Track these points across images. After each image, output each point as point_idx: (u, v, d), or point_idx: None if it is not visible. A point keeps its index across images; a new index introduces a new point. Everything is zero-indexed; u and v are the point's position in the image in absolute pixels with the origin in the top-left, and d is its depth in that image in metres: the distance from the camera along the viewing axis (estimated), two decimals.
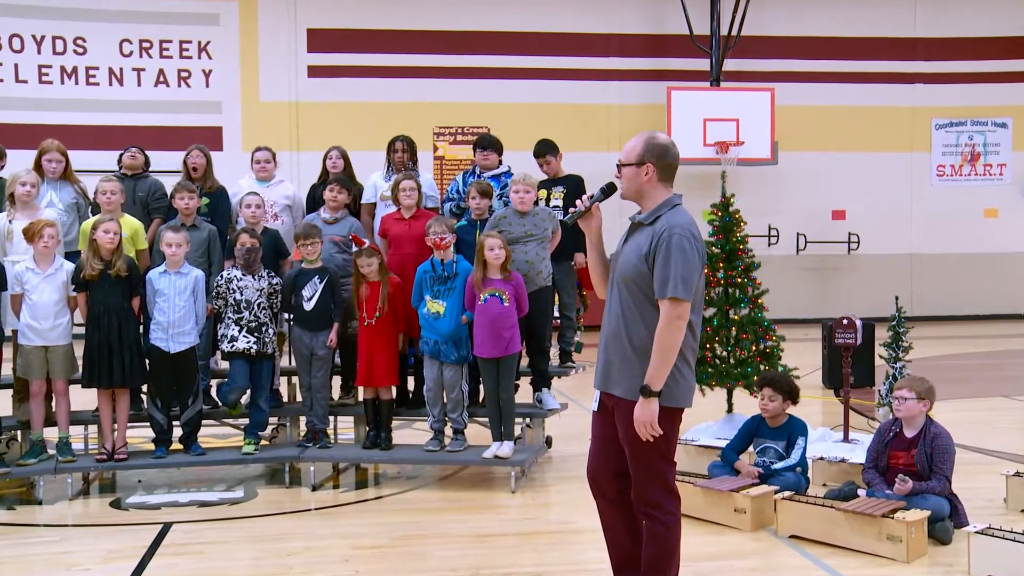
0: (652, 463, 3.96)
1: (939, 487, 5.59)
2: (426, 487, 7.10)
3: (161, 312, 6.87)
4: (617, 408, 3.99)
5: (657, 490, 3.99)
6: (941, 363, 13.24)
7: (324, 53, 18.97)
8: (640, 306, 3.91)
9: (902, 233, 20.46)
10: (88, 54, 18.38)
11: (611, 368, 4.00)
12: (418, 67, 19.00)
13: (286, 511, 6.49)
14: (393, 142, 8.06)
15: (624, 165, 4.00)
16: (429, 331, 6.92)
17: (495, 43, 19.31)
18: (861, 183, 20.06)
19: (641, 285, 3.90)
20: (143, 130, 17.30)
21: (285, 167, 10.04)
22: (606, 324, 4.05)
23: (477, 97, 18.94)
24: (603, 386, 4.06)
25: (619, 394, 3.96)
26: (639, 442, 3.89)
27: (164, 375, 6.96)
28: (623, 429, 3.95)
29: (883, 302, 11.40)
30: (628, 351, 3.93)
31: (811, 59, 19.97)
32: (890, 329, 8.49)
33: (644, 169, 3.96)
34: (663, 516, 4.01)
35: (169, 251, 6.89)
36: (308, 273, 7.18)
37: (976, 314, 20.41)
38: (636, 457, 3.97)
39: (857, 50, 20.12)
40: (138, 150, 8.00)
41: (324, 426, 7.31)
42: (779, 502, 5.71)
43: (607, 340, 4.03)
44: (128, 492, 7.01)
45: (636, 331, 3.91)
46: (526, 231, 7.13)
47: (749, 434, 6.52)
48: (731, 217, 8.18)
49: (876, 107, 20.21)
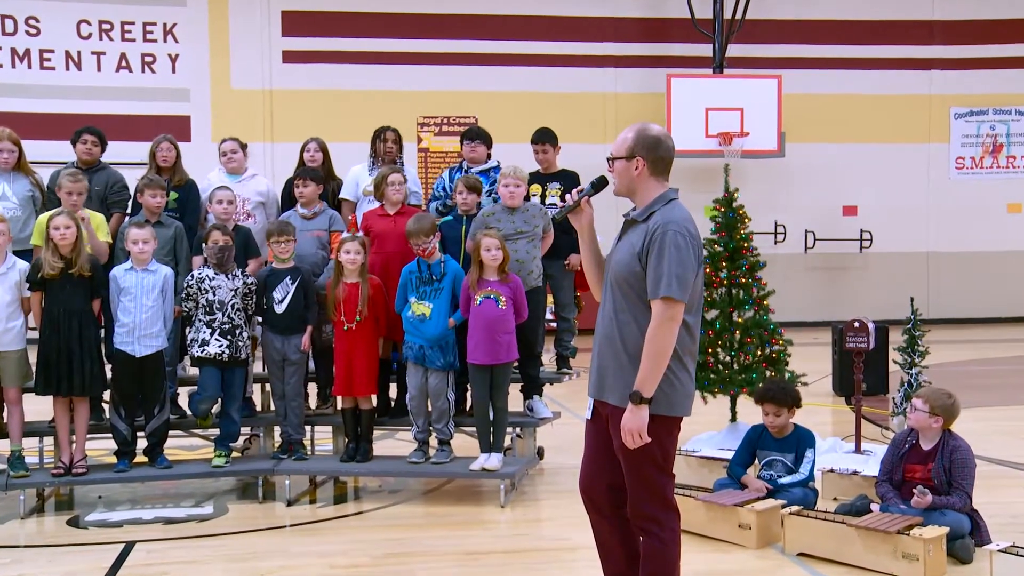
0: (649, 476, 3.98)
1: (959, 503, 5.60)
2: (409, 502, 7.10)
3: (126, 312, 6.84)
4: (611, 417, 4.00)
5: (654, 504, 4.01)
6: (960, 369, 13.30)
7: (300, 37, 18.94)
8: (634, 308, 3.93)
9: (918, 230, 20.53)
10: (42, 36, 18.29)
11: (605, 374, 4.02)
12: (401, 52, 18.99)
13: (259, 528, 6.49)
14: (382, 132, 8.04)
15: (615, 159, 4.02)
16: (414, 335, 6.92)
17: (483, 27, 19.32)
18: (874, 177, 20.12)
19: (635, 285, 3.91)
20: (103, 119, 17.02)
21: (259, 159, 10.04)
22: (600, 327, 4.07)
23: (464, 85, 18.94)
24: (597, 393, 4.07)
25: (613, 402, 3.97)
26: (634, 453, 3.91)
27: (128, 381, 6.92)
28: (618, 439, 3.96)
29: (897, 303, 11.45)
30: (622, 356, 3.94)
31: (820, 44, 20.02)
32: (905, 332, 8.52)
33: (635, 163, 3.99)
34: (661, 532, 4.02)
35: (136, 248, 6.86)
36: (280, 273, 7.17)
37: (998, 316, 20.48)
38: (632, 469, 3.98)
39: (870, 34, 20.18)
40: (95, 139, 7.86)
41: (300, 437, 7.30)
42: (786, 517, 5.73)
43: (600, 344, 4.05)
44: (87, 509, 6.99)
45: (630, 335, 3.93)
46: (516, 228, 7.14)
47: (752, 446, 6.53)
48: (735, 213, 8.20)
49: (890, 95, 20.27)
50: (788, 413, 6.45)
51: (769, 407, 6.46)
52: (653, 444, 3.89)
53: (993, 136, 20.81)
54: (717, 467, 6.96)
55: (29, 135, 9.50)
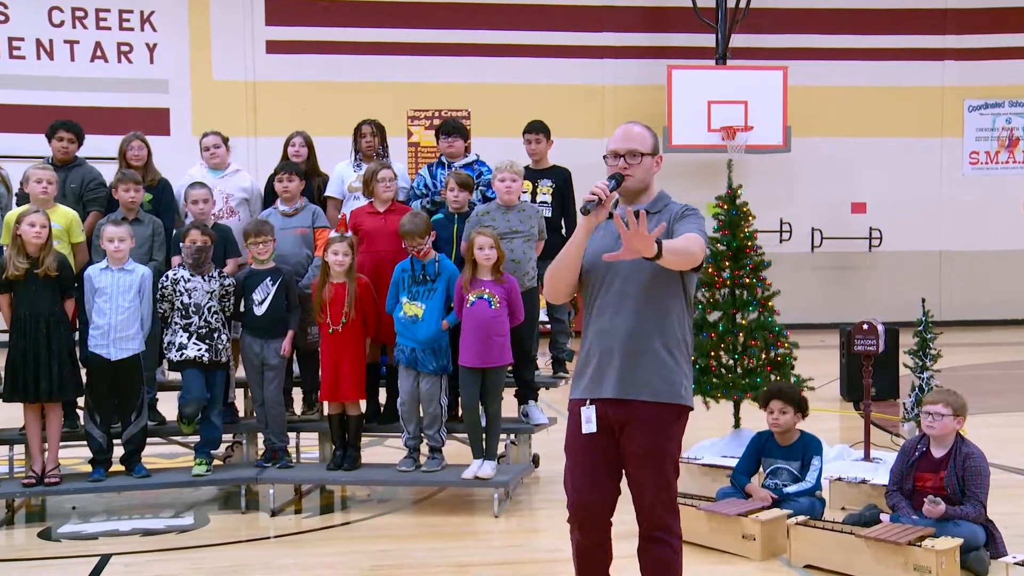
0: (669, 479, 4.07)
1: (973, 512, 5.60)
2: (399, 512, 7.10)
3: (101, 314, 6.82)
4: (638, 416, 4.00)
5: (668, 510, 4.10)
6: (974, 373, 13.33)
7: (285, 26, 18.94)
8: (663, 298, 4.02)
9: (930, 228, 20.57)
10: (11, 23, 18.27)
11: (636, 371, 4.01)
12: (391, 42, 19.00)
13: (242, 540, 6.49)
14: (360, 126, 8.07)
15: (642, 155, 4.10)
16: (405, 337, 6.92)
17: (477, 16, 19.33)
18: (884, 172, 20.17)
19: (661, 274, 3.97)
20: (76, 111, 17.13)
21: (241, 154, 10.04)
22: (616, 326, 4.04)
23: (456, 77, 18.96)
24: (622, 392, 4.02)
25: (647, 398, 4.00)
26: (659, 456, 4.00)
27: (103, 386, 6.91)
28: (644, 441, 4.00)
29: (908, 304, 11.46)
30: (659, 350, 4.00)
31: (828, 34, 20.07)
32: (916, 335, 8.53)
33: (655, 159, 4.17)
34: (671, 539, 4.11)
35: (111, 247, 6.84)
36: (259, 274, 7.17)
37: (1013, 318, 20.54)
38: (654, 474, 4.04)
39: (879, 23, 20.22)
40: (71, 136, 7.81)
41: (283, 444, 7.30)
42: (792, 528, 5.74)
43: (625, 342, 4.02)
44: (60, 521, 6.97)
45: (666, 327, 4.02)
46: (511, 227, 7.14)
47: (757, 453, 6.54)
48: (738, 210, 8.21)
49: (901, 87, 20.32)
50: (794, 415, 6.46)
51: (775, 404, 6.46)
52: (674, 443, 4.05)
53: (1009, 130, 20.86)
54: (720, 475, 6.97)
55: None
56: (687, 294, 4.09)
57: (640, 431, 4.00)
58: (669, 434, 4.03)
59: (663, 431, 4.01)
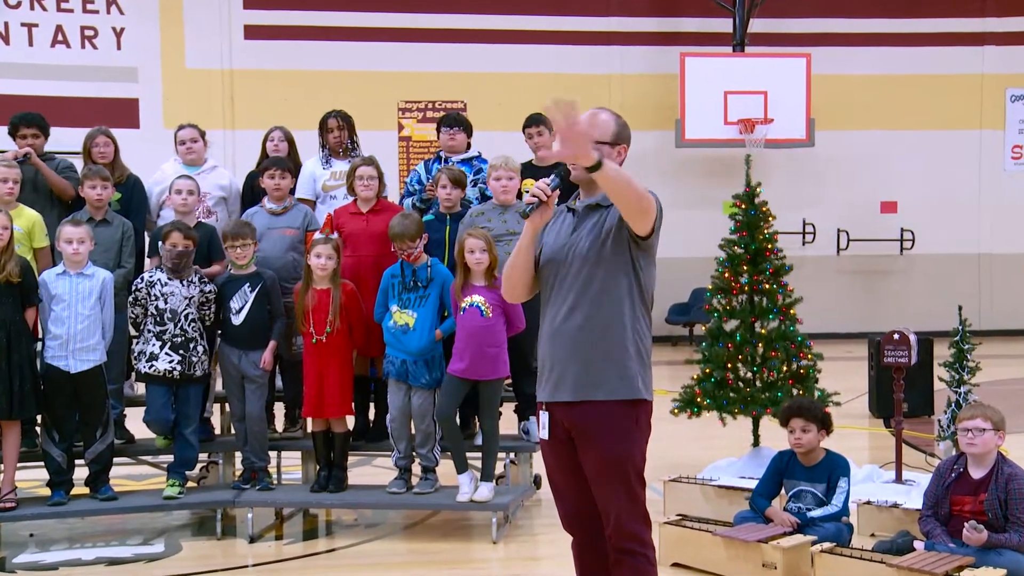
0: (631, 485, 4.10)
1: (1018, 540, 5.60)
2: (389, 537, 7.12)
3: (59, 323, 6.82)
4: (591, 418, 4.06)
5: (636, 519, 4.13)
6: (1016, 387, 13.31)
7: (264, 10, 18.94)
8: (610, 291, 4.06)
9: (968, 228, 20.55)
10: None
11: (588, 369, 4.07)
12: (379, 28, 19.00)
13: (217, 569, 6.50)
14: (325, 119, 8.09)
15: (600, 143, 4.19)
16: (395, 348, 6.94)
17: (472, 0, 19.33)
18: (917, 168, 20.16)
19: (608, 266, 4.05)
20: (35, 100, 17.06)
21: (217, 149, 10.02)
22: (562, 324, 4.12)
23: (450, 65, 18.94)
24: (573, 394, 4.10)
25: (603, 397, 4.06)
26: (616, 462, 4.04)
27: (62, 401, 6.90)
28: (602, 446, 4.05)
29: (944, 312, 11.48)
30: (611, 345, 4.06)
31: (855, 17, 20.05)
32: (952, 345, 8.54)
33: (618, 150, 4.24)
34: (645, 550, 4.14)
35: (69, 248, 6.83)
36: (238, 280, 7.18)
37: None
38: (613, 480, 4.08)
39: (911, 6, 20.21)
40: (35, 132, 7.79)
41: (264, 464, 7.31)
42: (817, 555, 5.75)
43: (573, 340, 4.09)
44: (16, 549, 6.97)
45: (611, 318, 4.06)
46: (508, 228, 7.15)
47: (779, 474, 6.55)
48: (757, 210, 8.24)
49: (935, 75, 20.30)
50: (818, 433, 6.47)
51: (796, 422, 6.46)
52: (635, 447, 4.07)
53: None
54: (738, 498, 6.97)
55: None
56: (643, 290, 4.13)
57: (597, 435, 4.07)
58: (628, 437, 4.08)
59: (621, 434, 4.07)
